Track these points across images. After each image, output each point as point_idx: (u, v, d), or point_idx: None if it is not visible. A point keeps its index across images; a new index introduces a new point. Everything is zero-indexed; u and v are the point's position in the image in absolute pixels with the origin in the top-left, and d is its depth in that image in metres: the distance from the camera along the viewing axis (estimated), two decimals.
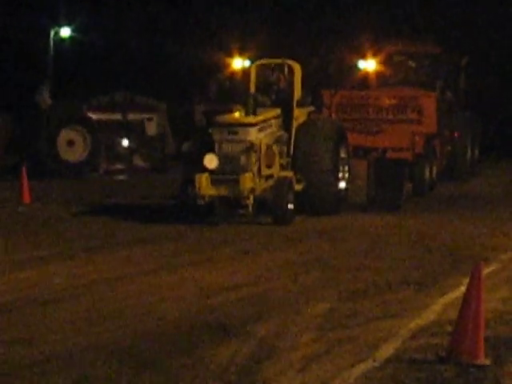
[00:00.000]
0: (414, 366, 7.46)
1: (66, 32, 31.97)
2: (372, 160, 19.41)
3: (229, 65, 28.93)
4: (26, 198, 19.40)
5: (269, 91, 17.88)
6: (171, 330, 8.72)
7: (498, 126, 33.89)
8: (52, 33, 32.33)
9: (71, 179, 25.39)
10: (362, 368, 7.37)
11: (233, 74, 29.14)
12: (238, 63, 28.52)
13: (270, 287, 11.21)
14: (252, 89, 18.17)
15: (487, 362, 7.44)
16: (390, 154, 20.83)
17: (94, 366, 7.37)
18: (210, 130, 16.59)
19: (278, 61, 18.19)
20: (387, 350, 7.97)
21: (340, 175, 17.88)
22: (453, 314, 8.19)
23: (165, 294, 10.68)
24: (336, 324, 9.06)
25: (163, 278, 11.76)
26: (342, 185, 18.04)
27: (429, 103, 23.07)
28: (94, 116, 28.22)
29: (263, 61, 18.72)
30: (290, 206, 16.34)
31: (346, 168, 18.24)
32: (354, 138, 20.30)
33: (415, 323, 9.10)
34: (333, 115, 22.02)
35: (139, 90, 30.14)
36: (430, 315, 9.47)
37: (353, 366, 7.43)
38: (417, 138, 22.31)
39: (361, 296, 10.59)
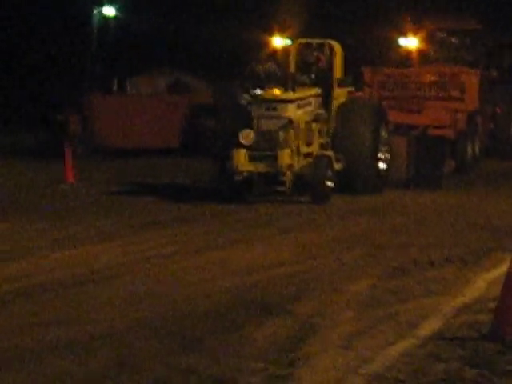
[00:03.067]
0: (455, 343, 7.49)
1: (109, 11, 32.46)
2: (412, 138, 19.40)
3: (269, 44, 28.97)
4: (69, 177, 19.64)
5: (309, 71, 17.86)
6: (215, 309, 8.85)
7: None
8: (95, 12, 32.86)
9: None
10: (403, 346, 7.43)
11: (274, 52, 29.21)
12: (279, 42, 28.51)
13: (311, 265, 11.41)
14: (292, 68, 18.17)
15: None
16: (431, 132, 20.73)
17: (139, 344, 7.51)
18: (249, 107, 16.74)
19: (319, 40, 18.27)
20: (429, 328, 8.04)
21: (380, 155, 17.85)
22: (496, 292, 8.17)
23: (209, 273, 10.88)
24: (378, 301, 9.15)
25: (207, 256, 11.95)
26: (383, 165, 17.98)
27: (471, 80, 22.99)
28: None
29: (303, 40, 18.74)
30: (329, 184, 16.28)
31: (387, 147, 18.18)
32: (395, 116, 20.22)
33: (458, 301, 9.19)
34: (374, 93, 22.02)
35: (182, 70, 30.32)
36: (473, 292, 9.57)
37: (394, 343, 7.49)
38: (459, 116, 22.21)
39: (403, 273, 10.72)
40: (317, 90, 17.38)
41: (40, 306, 8.95)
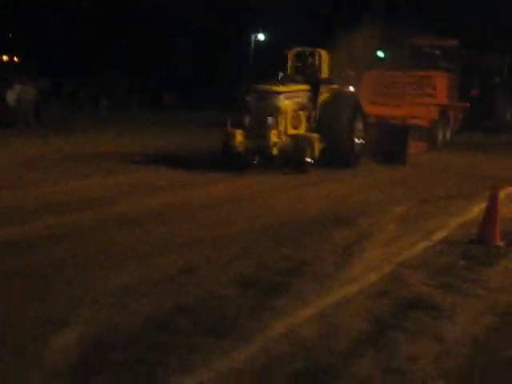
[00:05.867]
0: (455, 245, 8.98)
1: (262, 37, 33.71)
2: (382, 126, 19.28)
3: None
4: None
5: (302, 72, 17.74)
6: (305, 221, 10.27)
7: None
8: (252, 37, 34.27)
9: None
10: (422, 246, 8.93)
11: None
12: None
13: (367, 196, 12.90)
14: (290, 70, 18.04)
15: (501, 243, 9.08)
16: (409, 121, 20.41)
17: (255, 241, 8.84)
18: (247, 97, 16.37)
19: (310, 49, 18.03)
20: (440, 235, 9.54)
21: (355, 138, 17.46)
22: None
23: (303, 200, 12.43)
24: (410, 219, 10.69)
25: (304, 191, 13.52)
26: (357, 146, 17.59)
27: (441, 81, 23.42)
28: None
29: (299, 48, 18.32)
30: (307, 160, 15.85)
31: (362, 133, 17.77)
32: (381, 109, 20.61)
33: (459, 219, 10.71)
34: (368, 90, 22.02)
35: None
36: (469, 215, 11.01)
37: (416, 244, 8.98)
38: (431, 108, 22.50)
39: (428, 202, 12.32)
40: (305, 87, 17.13)
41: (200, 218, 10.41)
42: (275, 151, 15.61)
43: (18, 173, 14.56)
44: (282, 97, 16.21)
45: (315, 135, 16.49)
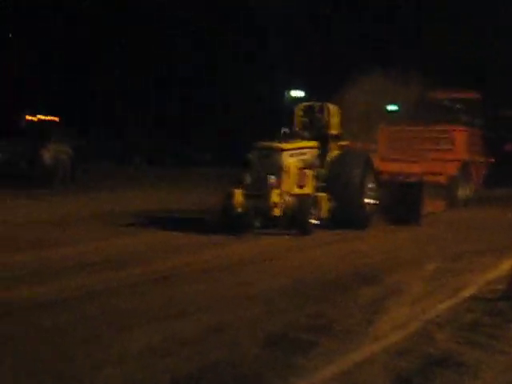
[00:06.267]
0: (482, 302, 9.00)
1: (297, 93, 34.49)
2: (395, 185, 18.24)
3: None
4: None
5: (310, 127, 17.18)
6: (331, 279, 10.46)
7: None
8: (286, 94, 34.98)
9: None
10: (449, 303, 8.96)
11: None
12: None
13: (390, 254, 13.14)
14: (298, 126, 17.44)
15: None
16: (427, 179, 19.14)
17: (286, 299, 9.01)
18: (249, 154, 15.69)
19: (319, 103, 17.57)
20: (467, 292, 9.56)
21: (366, 198, 16.80)
22: None
23: (332, 256, 12.76)
24: (439, 275, 10.74)
25: (330, 248, 13.98)
26: (368, 206, 16.92)
27: (460, 136, 22.66)
28: None
29: (307, 103, 18.03)
30: (311, 221, 15.28)
31: (374, 192, 17.13)
32: (396, 166, 19.21)
33: (487, 276, 10.73)
34: (383, 146, 21.15)
35: None
36: (497, 272, 10.96)
37: (444, 301, 9.02)
38: (449, 164, 21.63)
39: (457, 259, 12.37)
40: (313, 143, 16.61)
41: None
42: (276, 212, 14.84)
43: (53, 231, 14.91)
44: (285, 154, 15.59)
45: (323, 195, 15.92)
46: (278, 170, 15.21)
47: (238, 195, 14.86)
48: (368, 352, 6.91)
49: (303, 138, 16.65)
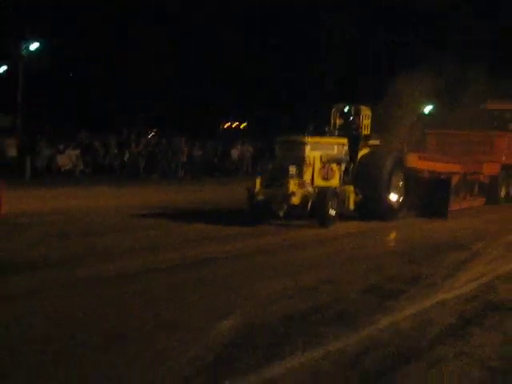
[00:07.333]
0: None
1: None
2: (423, 181, 19.05)
3: None
4: None
5: (346, 128, 17.74)
6: (418, 249, 12.66)
7: None
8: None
9: None
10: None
11: None
12: None
13: (484, 228, 15.59)
14: (332, 126, 17.94)
15: None
16: (469, 177, 21.19)
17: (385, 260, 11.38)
18: (275, 146, 16.44)
19: (353, 106, 18.12)
20: None
21: (392, 194, 17.39)
22: None
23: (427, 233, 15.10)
24: None
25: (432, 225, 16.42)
26: (394, 197, 17.47)
27: (500, 141, 23.78)
28: None
29: (343, 105, 18.41)
30: (331, 212, 15.57)
31: (401, 188, 17.76)
32: (442, 166, 20.11)
33: None
34: (432, 148, 22.79)
35: None
36: None
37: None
38: (490, 165, 22.62)
39: None
40: (342, 140, 17.06)
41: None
42: (295, 201, 15.19)
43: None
44: (308, 147, 15.97)
45: (349, 188, 16.61)
46: (300, 161, 15.71)
47: (258, 184, 15.50)
48: (442, 298, 8.87)
49: (331, 135, 17.35)
